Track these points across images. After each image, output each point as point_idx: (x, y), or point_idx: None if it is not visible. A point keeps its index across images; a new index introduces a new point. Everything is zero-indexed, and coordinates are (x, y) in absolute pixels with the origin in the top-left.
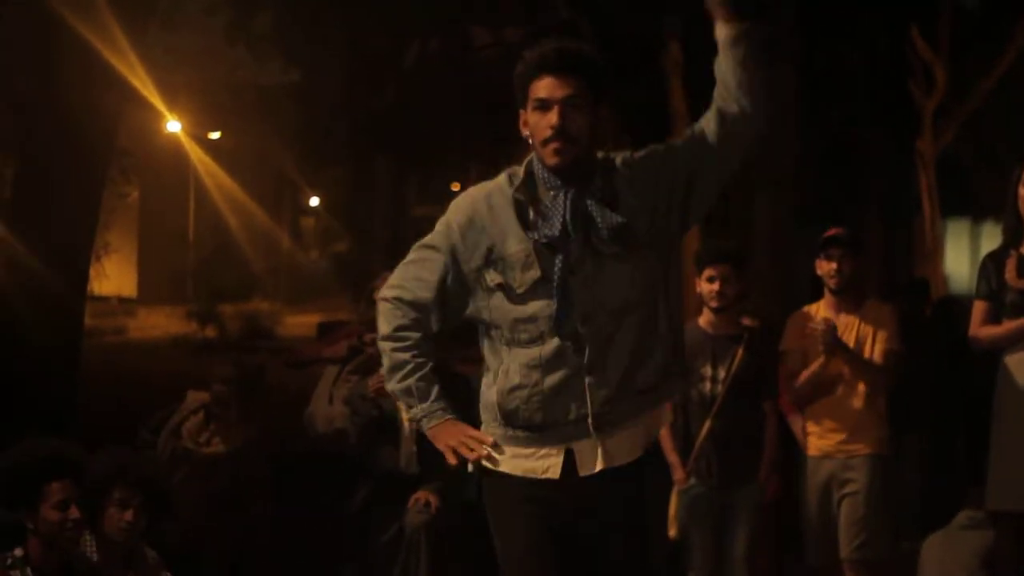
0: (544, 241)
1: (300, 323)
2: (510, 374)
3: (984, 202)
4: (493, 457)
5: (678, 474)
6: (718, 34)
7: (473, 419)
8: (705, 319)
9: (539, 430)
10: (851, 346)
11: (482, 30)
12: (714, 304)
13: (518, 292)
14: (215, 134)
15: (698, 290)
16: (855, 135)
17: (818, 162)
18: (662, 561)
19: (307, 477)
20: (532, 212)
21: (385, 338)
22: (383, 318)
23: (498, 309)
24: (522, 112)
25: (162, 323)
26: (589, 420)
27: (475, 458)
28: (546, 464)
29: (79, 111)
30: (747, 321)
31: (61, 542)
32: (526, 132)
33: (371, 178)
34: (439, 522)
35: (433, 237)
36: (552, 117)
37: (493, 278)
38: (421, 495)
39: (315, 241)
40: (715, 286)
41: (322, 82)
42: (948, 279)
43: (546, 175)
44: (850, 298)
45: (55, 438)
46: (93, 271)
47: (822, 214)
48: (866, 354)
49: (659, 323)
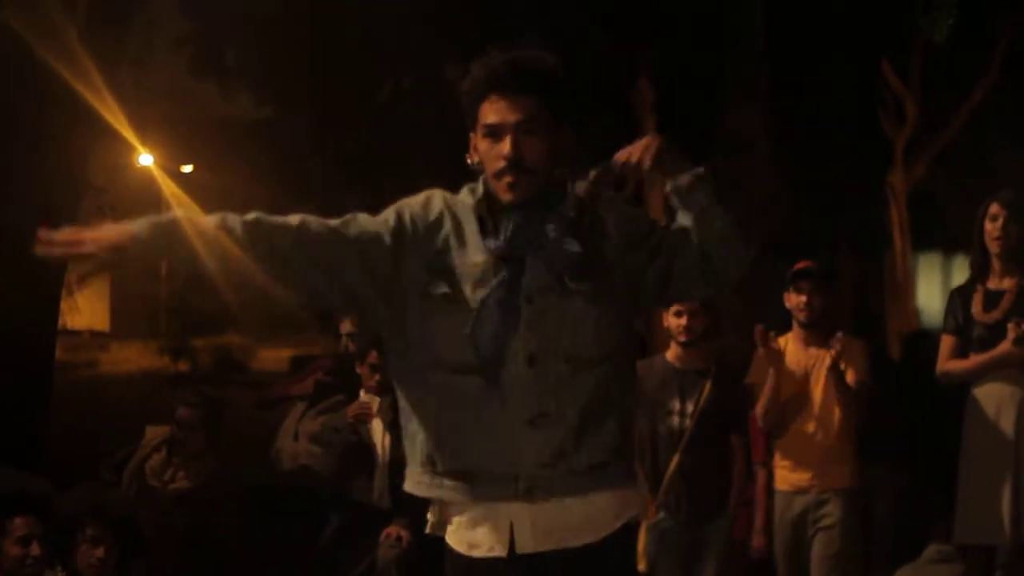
0: (501, 256)
1: (273, 357)
2: (438, 405)
3: (956, 236)
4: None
5: (647, 508)
6: (670, 197)
7: None
8: (672, 353)
9: (467, 480)
10: (820, 380)
11: (455, 66)
12: (682, 338)
13: (468, 308)
14: (187, 168)
15: (665, 324)
16: (826, 169)
17: (789, 195)
18: None
19: (275, 511)
20: (491, 224)
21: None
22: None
23: (436, 325)
24: (472, 136)
25: (134, 357)
26: (519, 482)
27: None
28: (491, 541)
29: (49, 144)
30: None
31: None
32: (475, 159)
33: (343, 213)
34: (410, 557)
35: (381, 214)
36: (504, 146)
37: (438, 287)
38: (392, 529)
39: None
40: (683, 320)
41: (294, 118)
42: (920, 312)
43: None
44: (820, 331)
45: (20, 473)
46: (65, 305)
47: (793, 247)
48: (836, 387)
49: (614, 389)
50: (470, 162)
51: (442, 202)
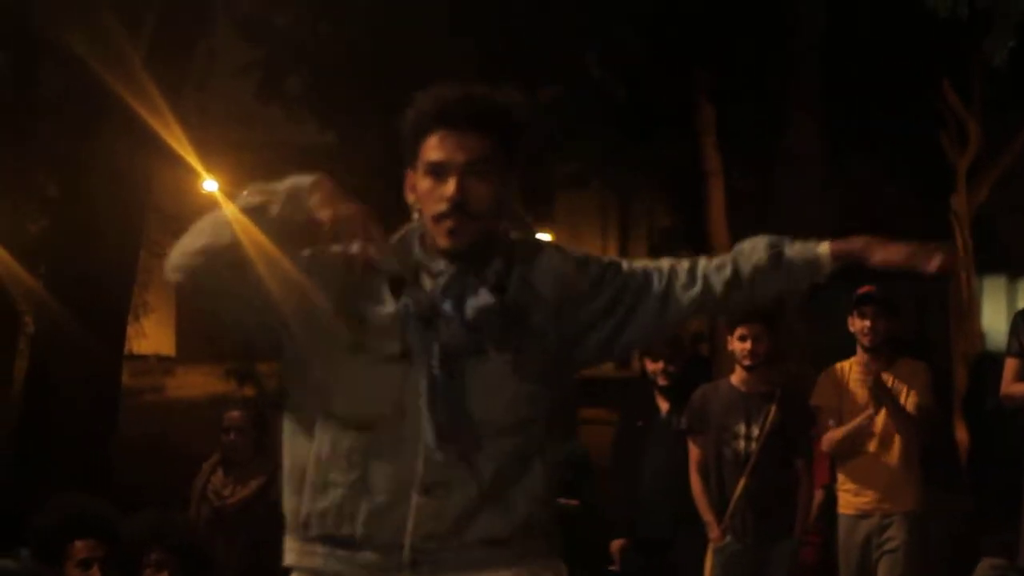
0: (413, 310)
1: None
2: (324, 461)
3: (1020, 259)
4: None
5: (714, 532)
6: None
7: None
8: (737, 377)
9: (346, 547)
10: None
11: (515, 89)
12: (746, 362)
13: (370, 359)
14: None
15: (730, 348)
16: (887, 192)
17: (851, 220)
18: None
19: None
20: (407, 275)
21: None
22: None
23: (337, 372)
24: (409, 173)
25: (200, 381)
26: (404, 551)
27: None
28: None
29: (117, 170)
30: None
31: None
32: (412, 198)
33: None
34: None
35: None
36: (449, 187)
37: (343, 332)
38: None
39: None
40: (747, 344)
41: (358, 143)
42: (985, 336)
43: (429, 259)
44: (883, 355)
45: (84, 496)
46: (132, 330)
47: (856, 272)
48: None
49: (533, 461)
50: (410, 201)
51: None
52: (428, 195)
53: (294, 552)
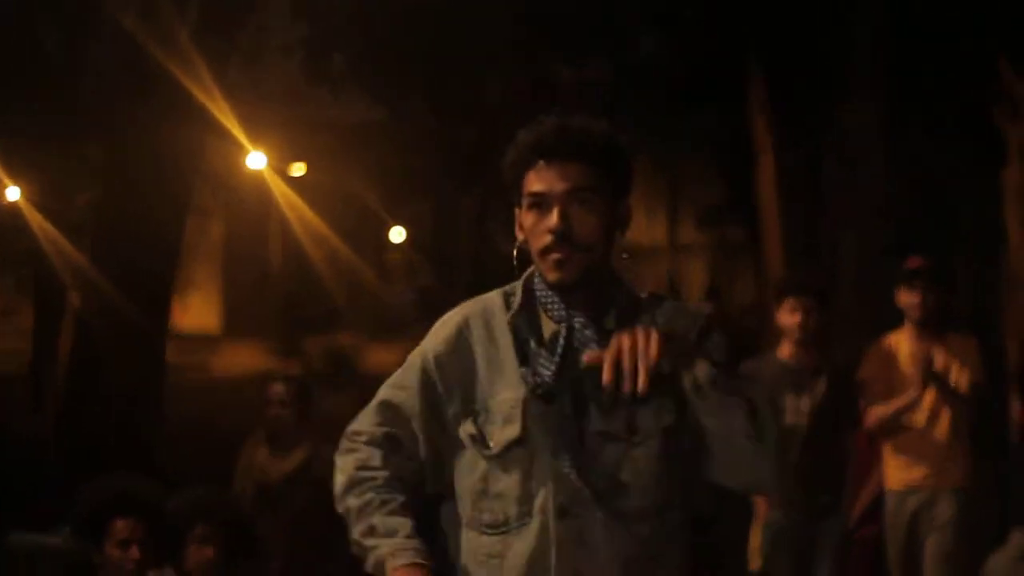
0: (539, 390)
1: (384, 358)
2: (466, 566)
3: None
4: None
5: (761, 506)
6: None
7: None
8: (786, 351)
9: None
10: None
11: (563, 65)
12: (796, 336)
13: (492, 454)
14: (299, 167)
15: (778, 322)
16: (941, 165)
17: (903, 192)
18: None
19: None
20: (533, 344)
21: (342, 492)
22: (338, 472)
23: (463, 472)
24: (517, 211)
25: (245, 359)
26: None
27: None
28: None
29: (163, 145)
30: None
31: None
32: (522, 237)
33: (456, 214)
34: None
35: (402, 375)
36: (552, 219)
37: (467, 429)
38: None
39: (399, 276)
40: (796, 318)
41: (406, 120)
42: None
43: (548, 297)
44: (932, 329)
45: (126, 475)
46: (178, 307)
47: (907, 245)
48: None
49: (671, 548)
50: (517, 241)
51: (462, 324)
52: (532, 229)
53: None
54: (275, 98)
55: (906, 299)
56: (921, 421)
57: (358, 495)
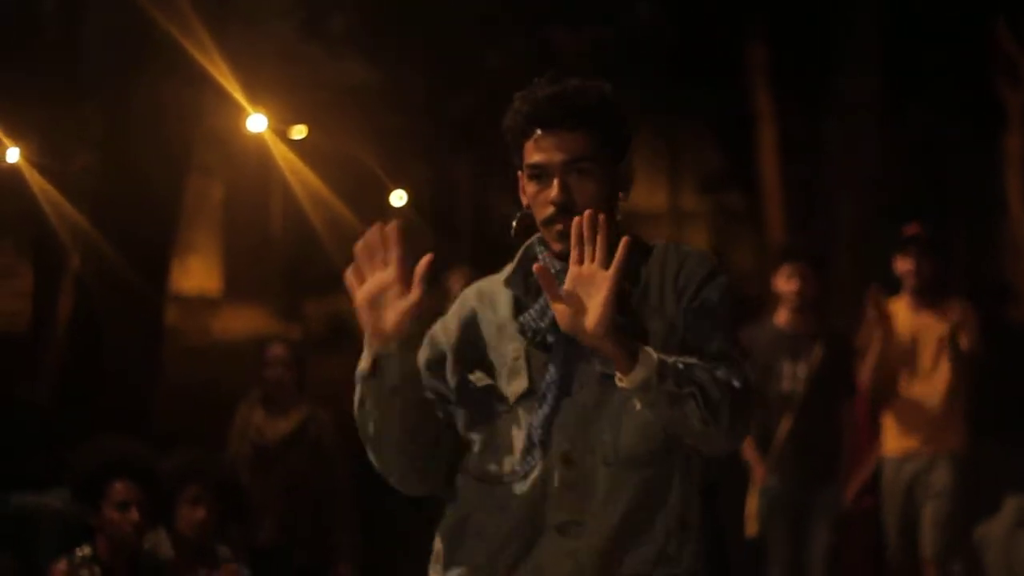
0: (537, 339)
1: None
2: (457, 509)
3: None
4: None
5: (758, 472)
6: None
7: None
8: (782, 317)
9: None
10: (931, 345)
11: (562, 30)
12: (793, 302)
13: (505, 408)
14: (299, 129)
15: (776, 288)
16: (939, 133)
17: (902, 160)
18: (740, 561)
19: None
20: (528, 300)
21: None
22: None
23: (472, 424)
24: (520, 175)
25: (246, 323)
26: None
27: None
28: None
29: (162, 107)
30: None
31: (120, 542)
32: (525, 201)
33: (455, 178)
34: None
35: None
36: (552, 190)
37: (480, 379)
38: None
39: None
40: (794, 284)
41: (404, 82)
42: None
43: (549, 259)
44: (929, 297)
45: (123, 437)
46: (178, 270)
47: (904, 213)
48: (946, 353)
49: (671, 491)
50: (525, 204)
51: (475, 296)
52: (534, 199)
53: None
54: (274, 60)
55: (902, 266)
56: (917, 387)
57: None
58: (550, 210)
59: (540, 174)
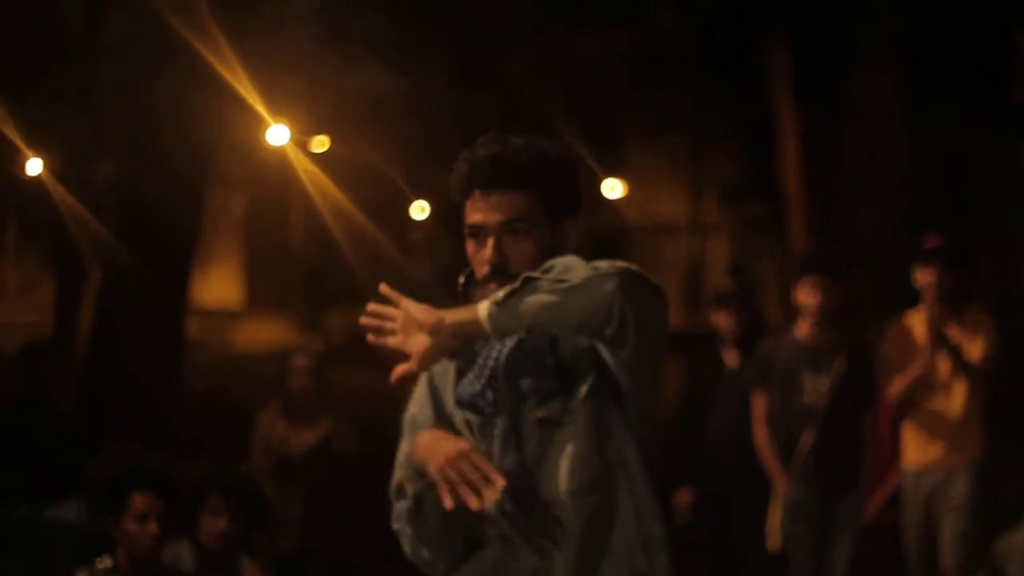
0: (476, 404)
1: None
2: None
3: None
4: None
5: (780, 485)
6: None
7: None
8: (803, 330)
9: None
10: (948, 357)
11: (586, 37)
12: (814, 315)
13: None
14: (321, 139)
15: (796, 301)
16: (960, 140)
17: (925, 168)
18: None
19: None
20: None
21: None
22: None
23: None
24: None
25: (267, 334)
26: None
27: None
28: None
29: (183, 115)
30: None
31: (140, 554)
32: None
33: None
34: None
35: (417, 388)
36: (487, 251)
37: (463, 418)
38: None
39: (423, 251)
40: (814, 297)
41: (428, 92)
42: None
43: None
44: (950, 307)
45: (142, 448)
46: (199, 281)
47: (928, 220)
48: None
49: (619, 508)
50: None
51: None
52: (473, 258)
53: None
54: (294, 69)
55: (922, 278)
56: (936, 399)
57: None
58: (485, 269)
59: (477, 233)
